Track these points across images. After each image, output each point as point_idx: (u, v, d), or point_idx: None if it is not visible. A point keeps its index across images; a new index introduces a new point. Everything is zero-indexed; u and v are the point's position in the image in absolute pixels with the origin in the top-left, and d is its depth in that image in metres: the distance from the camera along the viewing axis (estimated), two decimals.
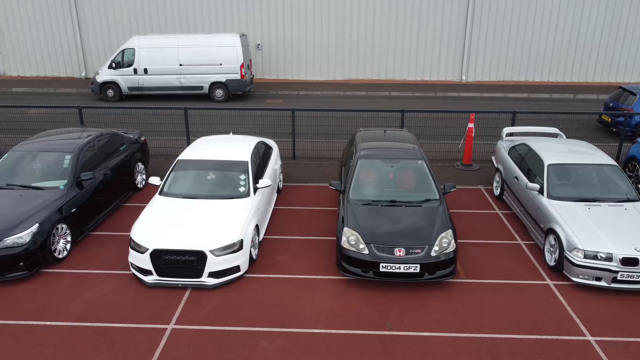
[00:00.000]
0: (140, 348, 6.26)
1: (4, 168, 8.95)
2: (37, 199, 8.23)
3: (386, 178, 8.53)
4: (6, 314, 6.88)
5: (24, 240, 7.53)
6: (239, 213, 8.00)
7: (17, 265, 7.52)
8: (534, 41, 23.61)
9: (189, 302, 7.16)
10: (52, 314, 6.91)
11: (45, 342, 6.37)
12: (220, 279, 7.50)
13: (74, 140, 9.53)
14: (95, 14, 24.06)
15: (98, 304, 7.11)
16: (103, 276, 7.80)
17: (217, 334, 6.51)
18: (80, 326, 6.66)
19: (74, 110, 17.21)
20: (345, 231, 7.57)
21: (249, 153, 9.29)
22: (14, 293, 7.36)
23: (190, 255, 7.32)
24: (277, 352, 6.20)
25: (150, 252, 7.35)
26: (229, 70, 19.73)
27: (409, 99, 20.97)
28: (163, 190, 8.62)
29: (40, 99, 20.64)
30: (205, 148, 9.43)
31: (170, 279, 7.46)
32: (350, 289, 7.51)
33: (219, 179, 8.72)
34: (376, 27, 23.84)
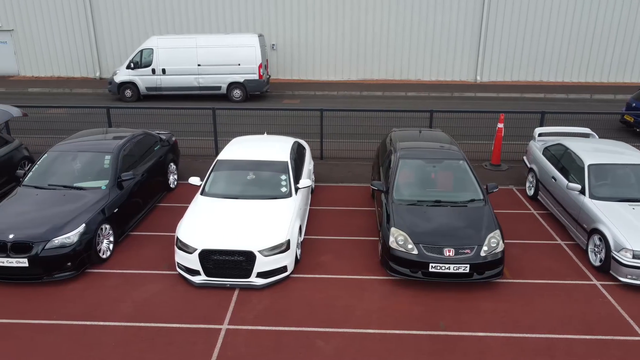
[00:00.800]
0: (198, 348, 6.27)
1: (44, 168, 8.96)
2: (81, 199, 8.23)
3: (429, 178, 8.53)
4: (58, 314, 6.89)
5: (72, 241, 7.54)
6: (283, 213, 8.00)
7: (65, 266, 7.53)
8: (549, 41, 23.62)
9: (238, 302, 7.16)
10: (103, 314, 6.91)
11: (100, 342, 6.37)
12: (268, 279, 7.50)
13: (112, 141, 9.54)
14: (110, 15, 24.07)
15: (148, 304, 7.11)
16: (149, 276, 7.81)
17: (272, 334, 6.52)
18: (134, 326, 6.66)
19: (94, 110, 17.23)
20: (393, 231, 7.57)
21: (288, 153, 9.30)
22: (62, 293, 7.37)
23: (239, 256, 7.33)
24: (334, 352, 6.20)
25: (199, 253, 7.36)
26: (247, 71, 19.74)
27: (426, 99, 20.98)
28: (204, 191, 8.62)
29: (57, 99, 20.65)
30: (244, 148, 9.44)
31: (218, 279, 7.46)
32: (397, 288, 7.51)
33: (259, 179, 8.73)
34: (391, 27, 23.85)
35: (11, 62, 25.20)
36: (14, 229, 7.47)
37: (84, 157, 9.11)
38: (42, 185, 8.64)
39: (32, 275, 7.46)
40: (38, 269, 7.40)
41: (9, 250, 7.34)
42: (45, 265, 7.40)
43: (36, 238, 7.39)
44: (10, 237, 7.37)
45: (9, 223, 7.60)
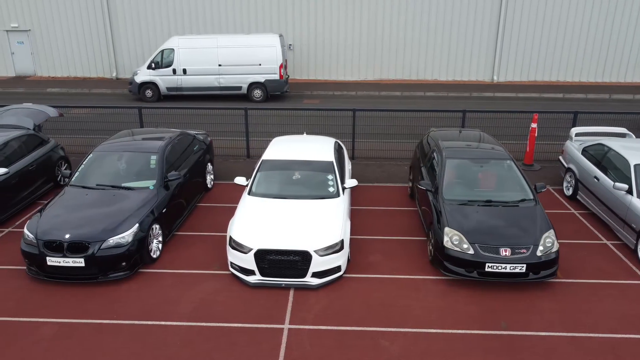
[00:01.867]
0: (263, 347, 6.28)
1: (90, 168, 8.97)
2: (131, 199, 8.24)
3: (477, 178, 8.54)
4: (119, 314, 6.90)
5: (126, 241, 7.55)
6: (334, 213, 8.01)
7: (120, 266, 7.54)
8: (566, 41, 23.62)
9: (296, 302, 7.17)
10: (163, 313, 6.92)
11: (166, 342, 6.38)
12: (323, 279, 7.51)
13: (156, 141, 9.55)
14: (127, 15, 24.08)
15: (206, 304, 7.12)
16: (201, 276, 7.82)
17: (335, 334, 6.52)
18: (196, 326, 6.67)
19: (119, 111, 17.23)
20: (447, 231, 7.58)
21: (332, 153, 9.32)
22: (118, 293, 7.38)
23: (295, 256, 7.33)
24: (400, 352, 6.21)
25: (255, 252, 7.37)
26: (268, 71, 19.75)
27: (445, 99, 20.98)
28: (252, 191, 8.63)
29: (76, 99, 20.65)
30: (288, 148, 9.44)
31: (273, 279, 7.47)
32: (451, 288, 7.52)
33: (306, 179, 8.73)
34: (408, 27, 23.85)
35: (28, 62, 25.21)
36: (69, 229, 7.48)
37: (129, 157, 9.11)
38: (90, 185, 8.64)
39: (88, 275, 7.47)
40: (94, 268, 7.42)
41: (65, 250, 7.36)
42: (101, 265, 7.42)
43: (92, 238, 7.40)
44: (67, 237, 7.39)
45: (63, 223, 7.61)
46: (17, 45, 24.95)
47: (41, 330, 6.58)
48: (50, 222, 7.67)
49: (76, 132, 14.90)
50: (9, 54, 25.10)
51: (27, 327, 6.65)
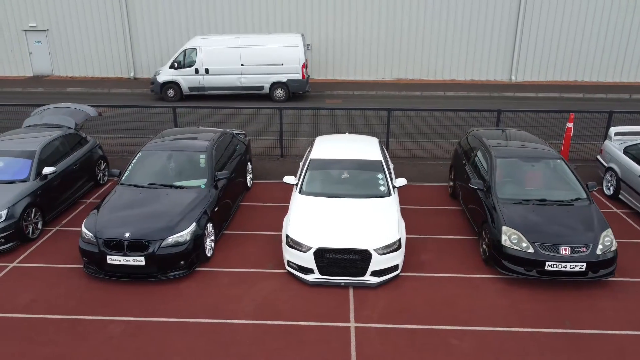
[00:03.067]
0: (333, 346, 6.29)
1: (140, 167, 8.98)
2: (185, 198, 8.25)
3: (528, 177, 8.55)
4: (183, 313, 6.91)
5: (185, 239, 7.56)
6: (389, 212, 8.02)
7: (179, 264, 7.56)
8: (585, 41, 23.62)
9: (357, 301, 7.18)
10: (228, 312, 6.93)
11: (235, 340, 6.40)
12: (382, 277, 7.52)
13: (203, 140, 9.56)
14: (145, 15, 24.09)
15: (269, 303, 7.13)
16: (258, 275, 7.83)
17: (403, 332, 6.54)
18: (263, 324, 6.68)
19: (144, 110, 17.23)
20: (505, 230, 7.59)
21: (379, 152, 9.34)
22: (179, 292, 7.39)
23: (355, 254, 7.35)
24: (472, 350, 6.22)
25: (314, 251, 7.38)
26: (291, 70, 19.76)
27: (466, 99, 20.99)
28: (302, 189, 8.64)
29: (96, 99, 20.65)
30: (335, 147, 9.45)
31: (332, 277, 7.48)
32: (510, 287, 7.53)
33: (356, 178, 8.74)
34: (426, 27, 23.85)
35: (45, 62, 25.22)
36: (129, 228, 7.50)
37: (178, 156, 9.13)
38: (142, 184, 8.66)
39: (147, 274, 7.49)
40: (153, 267, 7.43)
41: (125, 248, 7.37)
42: (161, 263, 7.44)
43: (152, 237, 7.42)
44: (127, 235, 7.41)
45: (121, 222, 7.63)
46: (35, 45, 24.96)
47: (109, 328, 6.60)
48: (109, 220, 7.68)
49: (106, 131, 14.90)
50: (26, 54, 25.11)
51: (94, 325, 6.66)
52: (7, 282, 7.63)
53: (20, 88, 22.67)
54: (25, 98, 20.68)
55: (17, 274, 7.85)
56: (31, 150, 9.40)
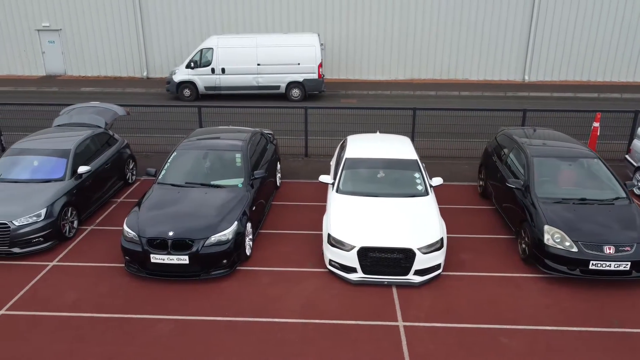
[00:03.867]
0: (384, 345, 6.29)
1: (176, 166, 8.98)
2: (223, 197, 8.25)
3: (567, 176, 8.55)
4: (230, 312, 6.91)
5: (227, 238, 7.57)
6: (429, 211, 8.03)
7: (221, 263, 7.56)
8: (598, 40, 23.60)
9: (401, 300, 7.18)
10: (274, 311, 6.93)
11: (285, 339, 6.40)
12: (425, 276, 7.52)
13: (237, 139, 9.56)
14: (159, 15, 24.08)
15: (313, 302, 7.13)
16: (298, 274, 7.83)
17: (452, 332, 6.54)
18: (310, 323, 6.69)
19: (159, 109, 17.20)
20: (547, 229, 7.59)
21: (413, 151, 9.34)
22: (222, 291, 7.39)
23: (399, 253, 7.35)
24: (523, 349, 6.22)
25: (357, 250, 7.38)
26: (307, 70, 19.76)
27: (481, 99, 20.98)
28: (339, 189, 8.64)
29: (111, 98, 20.64)
30: (368, 147, 9.45)
31: (375, 276, 7.48)
32: (552, 286, 7.53)
33: (393, 178, 8.75)
34: (440, 26, 23.83)
35: (58, 61, 25.22)
36: (172, 227, 7.50)
37: (214, 155, 9.13)
38: (179, 183, 8.66)
39: (191, 273, 7.49)
40: (197, 266, 7.44)
41: (169, 247, 7.38)
42: (204, 262, 7.44)
43: (196, 235, 7.42)
44: (170, 234, 7.41)
45: (164, 221, 7.62)
46: (48, 44, 24.95)
47: (157, 327, 6.60)
48: (151, 219, 7.68)
49: (128, 131, 14.88)
50: (39, 53, 25.10)
51: (142, 324, 6.66)
52: (50, 280, 7.64)
53: (35, 87, 22.67)
54: (41, 97, 20.68)
55: (58, 272, 7.86)
56: (66, 149, 9.41)
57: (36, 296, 7.25)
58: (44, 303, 7.10)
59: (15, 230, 8.02)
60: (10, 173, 9.08)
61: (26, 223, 8.10)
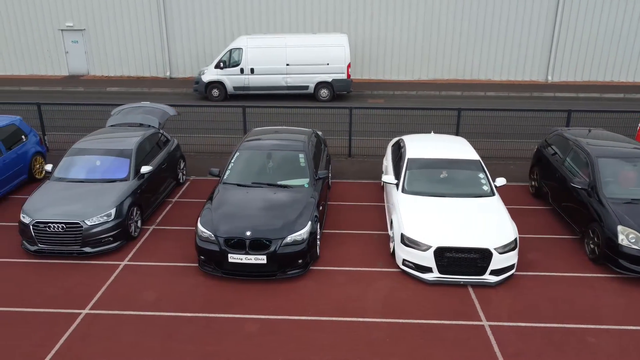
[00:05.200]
0: (474, 344, 6.33)
1: (239, 166, 9.02)
2: (292, 197, 8.29)
3: (632, 176, 8.58)
4: (313, 311, 6.95)
5: (302, 238, 7.61)
6: (499, 211, 8.07)
7: (297, 263, 7.60)
8: (622, 40, 23.62)
9: (480, 300, 7.22)
10: (356, 310, 6.97)
11: (375, 338, 6.43)
12: (500, 276, 7.56)
13: (297, 140, 9.59)
14: (182, 15, 24.12)
15: (392, 301, 7.17)
16: (372, 273, 7.86)
17: (538, 331, 6.57)
18: (396, 322, 6.72)
19: (200, 110, 17.25)
20: (621, 229, 7.63)
21: (474, 151, 9.38)
22: (300, 290, 7.43)
23: (475, 253, 7.39)
24: (613, 349, 6.26)
25: (434, 250, 7.43)
26: (336, 70, 19.80)
27: (507, 99, 21.01)
28: (405, 189, 8.68)
29: (137, 98, 20.69)
30: (429, 147, 9.48)
31: (451, 276, 7.52)
32: (625, 286, 7.56)
33: (457, 178, 8.78)
34: (464, 27, 23.87)
35: (81, 61, 25.26)
36: (249, 227, 7.54)
37: (277, 155, 9.16)
38: (245, 183, 8.69)
39: (267, 272, 7.54)
40: (274, 266, 7.48)
41: (247, 247, 7.42)
42: (281, 262, 7.49)
43: (273, 235, 7.47)
44: (248, 234, 7.45)
45: (239, 220, 7.66)
46: (71, 44, 24.99)
47: (245, 326, 6.64)
48: (226, 219, 7.72)
49: (169, 131, 14.92)
50: (62, 53, 25.14)
51: (229, 323, 6.70)
52: (125, 280, 7.68)
53: (60, 87, 22.70)
54: (73, 97, 20.74)
55: (131, 272, 7.90)
56: (127, 149, 9.45)
57: (115, 295, 7.30)
58: (125, 302, 7.14)
59: (87, 230, 8.06)
60: (74, 173, 9.12)
61: (97, 223, 8.14)
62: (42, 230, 8.06)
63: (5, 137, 10.65)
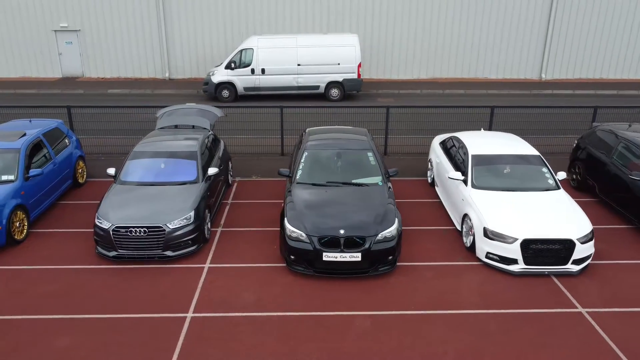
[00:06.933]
0: (581, 330, 6.60)
1: (310, 166, 9.06)
2: (373, 195, 8.40)
3: None
4: (415, 305, 7.10)
5: (392, 235, 7.75)
6: (570, 204, 8.42)
7: (387, 259, 7.73)
8: (617, 38, 24.56)
9: (568, 288, 7.52)
10: (455, 303, 7.16)
11: (488, 329, 6.63)
12: (581, 265, 7.90)
13: (359, 139, 9.70)
14: (182, 16, 23.80)
15: (486, 293, 7.40)
16: (455, 267, 8.07)
17: (637, 315, 6.90)
18: (500, 313, 6.95)
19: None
20: None
21: (532, 147, 9.72)
22: (395, 286, 7.57)
23: (559, 244, 7.69)
24: None
25: (520, 242, 7.69)
26: (347, 70, 19.96)
27: (508, 97, 21.62)
28: (474, 184, 8.93)
29: (140, 100, 20.32)
30: (489, 143, 9.75)
31: (536, 267, 7.81)
32: None
33: (521, 172, 9.08)
34: (462, 26, 24.42)
35: (75, 63, 24.57)
36: (341, 225, 7.62)
37: (345, 154, 9.25)
38: (320, 182, 8.75)
39: (360, 270, 7.64)
40: (367, 263, 7.59)
41: (342, 245, 7.50)
42: (374, 258, 7.60)
43: (366, 233, 7.58)
44: (342, 232, 7.53)
45: (329, 219, 7.73)
46: (65, 45, 24.28)
47: (357, 323, 6.73)
48: (316, 218, 7.77)
49: None
50: (56, 55, 24.40)
51: (339, 320, 6.78)
52: (216, 282, 7.63)
53: (59, 90, 22.04)
54: (84, 100, 20.17)
55: (218, 274, 7.85)
56: (193, 151, 9.36)
57: (213, 298, 7.25)
58: (226, 304, 7.11)
59: (169, 233, 7.97)
60: (141, 176, 8.98)
61: (179, 226, 8.06)
62: (122, 235, 7.92)
63: (53, 141, 10.36)
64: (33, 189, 9.20)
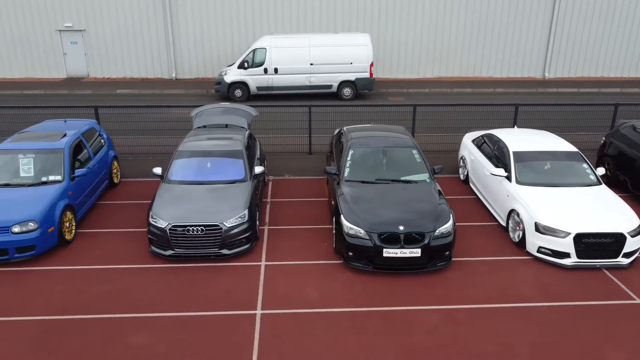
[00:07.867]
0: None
1: (356, 164, 9.15)
2: (424, 191, 8.53)
3: None
4: (478, 299, 7.23)
5: (448, 231, 7.86)
6: (615, 199, 8.63)
7: (444, 255, 7.85)
8: (611, 37, 25.12)
9: (621, 280, 7.71)
10: (516, 296, 7.30)
11: (552, 320, 6.78)
12: (630, 258, 8.10)
13: (402, 137, 9.82)
14: (188, 16, 23.71)
15: (544, 286, 7.55)
16: (506, 262, 8.22)
17: None
18: (562, 306, 7.10)
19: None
20: None
21: (569, 143, 9.92)
22: (453, 281, 7.69)
23: (610, 238, 7.88)
24: None
25: (573, 236, 7.87)
26: (359, 69, 20.07)
27: (515, 95, 21.91)
28: (518, 180, 9.10)
29: (150, 100, 20.22)
30: (528, 140, 9.94)
31: (588, 260, 7.99)
32: None
33: (563, 168, 9.28)
34: (467, 26, 24.71)
35: (80, 63, 24.32)
36: (400, 221, 7.72)
37: (391, 152, 9.36)
38: (369, 180, 8.84)
39: (419, 265, 7.75)
40: (426, 258, 7.70)
41: (402, 241, 7.60)
42: (432, 254, 7.72)
43: (425, 229, 7.69)
44: (401, 228, 7.64)
45: (387, 216, 7.84)
46: (70, 45, 24.03)
47: (423, 318, 6.83)
48: (372, 215, 7.87)
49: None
50: (60, 55, 24.13)
51: (407, 315, 6.87)
52: (276, 280, 7.68)
53: (66, 90, 21.80)
54: (84, 100, 19.99)
55: (277, 272, 7.89)
56: (239, 150, 9.39)
57: (277, 295, 7.30)
58: (292, 301, 7.16)
59: (226, 232, 8.00)
60: (190, 175, 8.99)
61: (235, 224, 8.09)
62: (179, 234, 7.93)
63: (91, 141, 10.30)
64: (78, 189, 9.15)
